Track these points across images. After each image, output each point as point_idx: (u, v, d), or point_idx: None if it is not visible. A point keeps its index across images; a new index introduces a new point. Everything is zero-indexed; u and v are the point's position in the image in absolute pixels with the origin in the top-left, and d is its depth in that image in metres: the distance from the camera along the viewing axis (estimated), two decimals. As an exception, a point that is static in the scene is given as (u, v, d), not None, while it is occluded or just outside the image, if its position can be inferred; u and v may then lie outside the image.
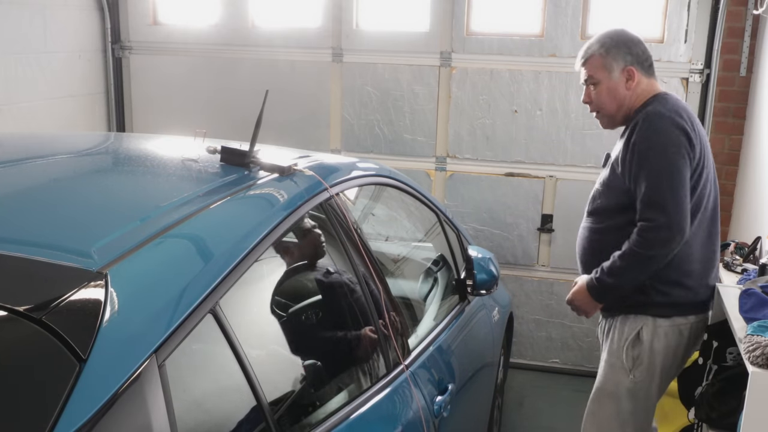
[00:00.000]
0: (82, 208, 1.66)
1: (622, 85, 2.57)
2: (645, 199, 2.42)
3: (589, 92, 2.64)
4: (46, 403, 1.07)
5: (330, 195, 2.04)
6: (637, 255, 2.44)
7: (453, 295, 2.89)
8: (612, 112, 2.62)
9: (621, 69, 2.57)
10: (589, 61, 2.61)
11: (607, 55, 2.57)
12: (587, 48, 2.63)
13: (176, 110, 5.09)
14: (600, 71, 2.59)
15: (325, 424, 1.67)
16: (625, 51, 2.57)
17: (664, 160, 2.40)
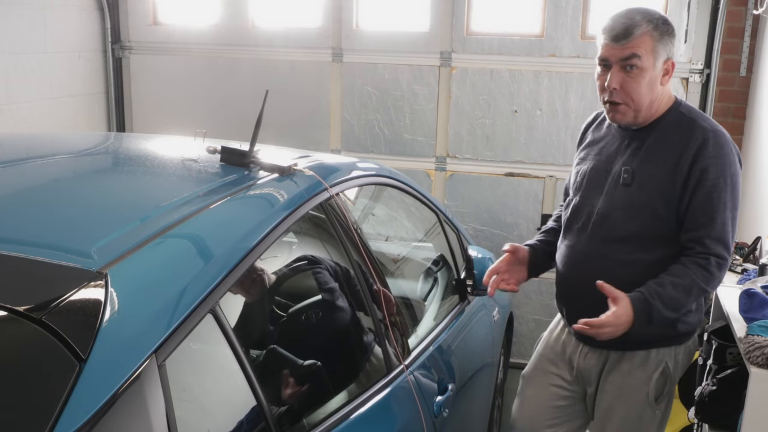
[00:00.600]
0: (82, 208, 1.66)
1: (659, 78, 2.16)
2: (716, 235, 2.12)
3: (623, 77, 2.13)
4: (46, 403, 1.07)
5: (330, 195, 2.04)
6: (702, 292, 2.16)
7: (453, 295, 2.89)
8: (642, 107, 2.16)
9: (664, 60, 2.15)
10: (638, 39, 2.10)
11: (660, 39, 2.12)
12: (634, 21, 2.12)
13: (176, 110, 5.09)
14: (647, 57, 2.11)
15: (325, 424, 1.67)
16: (673, 39, 2.16)
17: (735, 194, 2.15)
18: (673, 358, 2.32)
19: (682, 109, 2.20)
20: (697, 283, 2.11)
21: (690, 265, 2.12)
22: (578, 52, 4.49)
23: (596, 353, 2.33)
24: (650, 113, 2.19)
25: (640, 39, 2.11)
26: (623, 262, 2.19)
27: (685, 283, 2.11)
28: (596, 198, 2.26)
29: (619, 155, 2.24)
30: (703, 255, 2.11)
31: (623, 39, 2.12)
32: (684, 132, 2.15)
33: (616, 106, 2.17)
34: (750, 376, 2.32)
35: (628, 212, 2.19)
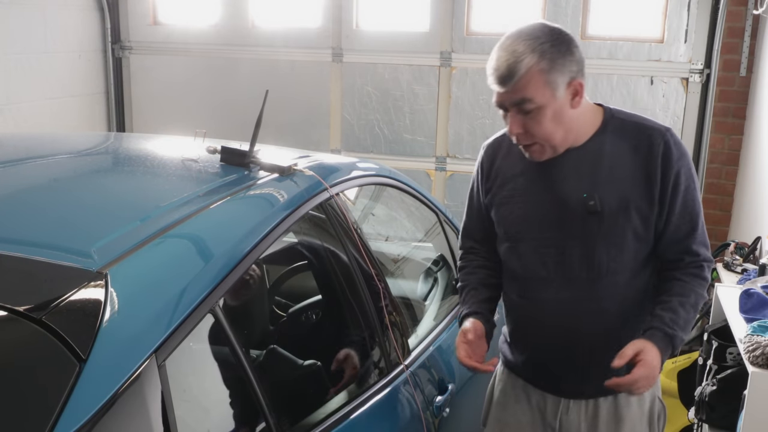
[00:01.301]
0: (82, 208, 1.66)
1: (567, 104, 1.81)
2: (701, 239, 1.96)
3: (522, 120, 1.81)
4: (46, 403, 1.07)
5: (330, 195, 2.04)
6: (701, 300, 1.99)
7: (453, 295, 2.88)
8: (556, 141, 1.84)
9: (567, 84, 1.79)
10: (524, 78, 1.76)
11: (552, 67, 1.76)
12: (514, 59, 1.76)
13: (176, 110, 5.09)
14: (542, 92, 1.77)
15: (325, 424, 1.67)
16: (570, 57, 1.79)
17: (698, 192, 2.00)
18: (658, 387, 2.10)
19: (617, 114, 1.93)
20: (701, 294, 1.96)
21: (689, 279, 1.94)
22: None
23: (580, 405, 2.02)
24: (577, 136, 1.88)
25: (526, 78, 1.75)
26: (618, 298, 1.94)
27: (692, 300, 1.93)
28: (555, 238, 1.93)
29: (568, 182, 1.90)
30: (695, 264, 1.95)
31: (509, 81, 1.77)
32: (636, 138, 1.89)
33: (528, 147, 1.88)
34: (750, 376, 2.32)
35: (608, 242, 1.90)
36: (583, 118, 1.88)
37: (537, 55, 1.75)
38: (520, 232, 1.98)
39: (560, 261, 1.93)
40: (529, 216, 1.96)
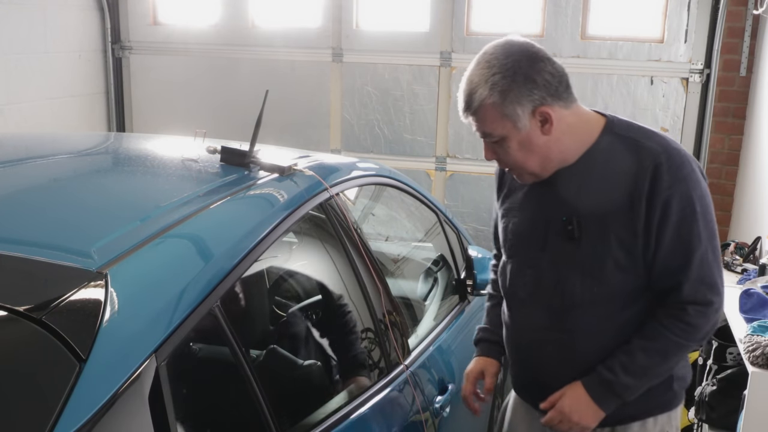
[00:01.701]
0: (82, 208, 1.66)
1: (537, 132, 1.70)
2: (696, 276, 1.70)
3: (492, 147, 1.78)
4: (46, 403, 1.07)
5: (330, 195, 2.04)
6: (684, 348, 1.76)
7: (453, 295, 2.88)
8: (536, 169, 1.76)
9: (530, 112, 1.68)
10: (480, 112, 1.71)
11: (504, 101, 1.67)
12: (470, 90, 1.74)
13: (176, 110, 5.10)
14: (500, 125, 1.70)
15: (326, 424, 1.67)
16: (529, 86, 1.66)
17: (708, 221, 1.74)
18: (671, 423, 1.90)
19: (617, 130, 1.76)
20: (673, 341, 1.73)
21: (664, 320, 1.73)
22: (578, 52, 4.49)
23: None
24: (564, 156, 1.76)
25: (481, 113, 1.71)
26: (591, 333, 1.79)
27: (659, 346, 1.73)
28: (537, 259, 1.82)
29: (553, 202, 1.79)
30: (678, 305, 1.72)
31: (467, 112, 1.75)
32: (628, 157, 1.72)
33: (511, 171, 1.84)
34: (750, 376, 2.33)
35: (584, 271, 1.76)
36: (571, 139, 1.74)
37: (488, 89, 1.68)
38: (512, 248, 1.91)
39: (537, 284, 1.83)
40: (520, 233, 1.88)
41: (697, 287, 1.71)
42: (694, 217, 1.71)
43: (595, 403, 1.76)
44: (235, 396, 1.54)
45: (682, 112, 4.46)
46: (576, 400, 1.77)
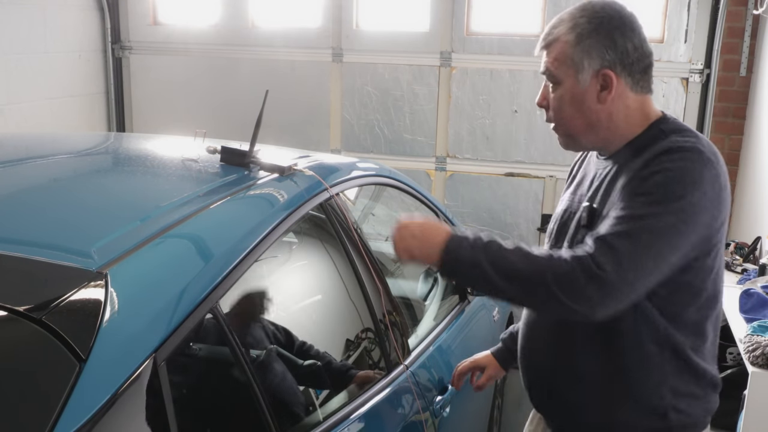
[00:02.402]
0: (82, 208, 1.66)
1: (593, 94, 1.62)
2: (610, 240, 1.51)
3: (547, 92, 1.68)
4: (46, 403, 1.07)
5: (330, 195, 2.04)
6: (544, 283, 1.52)
7: (453, 295, 2.88)
8: (575, 131, 1.67)
9: (595, 71, 1.61)
10: (552, 48, 1.64)
11: (578, 44, 1.60)
12: (555, 23, 1.66)
13: (176, 110, 5.10)
14: (564, 68, 1.62)
15: (326, 424, 1.67)
16: (607, 43, 1.60)
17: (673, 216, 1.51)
18: None
19: (663, 126, 1.65)
20: (548, 266, 1.52)
21: (563, 252, 1.56)
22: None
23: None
24: (609, 137, 1.67)
25: (552, 47, 1.64)
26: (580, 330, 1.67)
27: (536, 256, 1.55)
28: (560, 248, 1.73)
29: (587, 192, 1.73)
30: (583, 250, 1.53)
31: (542, 43, 1.68)
32: (651, 147, 1.60)
33: (553, 127, 1.72)
34: (750, 376, 2.33)
35: None
36: (624, 121, 1.64)
37: (569, 26, 1.62)
38: (549, 236, 1.84)
39: None
40: (557, 221, 1.81)
41: (605, 250, 1.50)
42: (657, 200, 1.52)
43: (441, 247, 1.60)
44: (235, 396, 1.54)
45: (682, 112, 4.46)
46: (429, 230, 1.64)
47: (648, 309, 1.61)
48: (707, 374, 1.70)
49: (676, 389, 1.66)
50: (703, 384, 1.70)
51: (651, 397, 1.66)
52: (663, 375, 1.65)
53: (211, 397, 1.55)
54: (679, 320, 1.63)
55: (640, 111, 1.65)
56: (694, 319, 1.64)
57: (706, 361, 1.70)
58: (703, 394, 1.71)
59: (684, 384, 1.67)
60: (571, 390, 1.73)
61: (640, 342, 1.63)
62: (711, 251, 1.60)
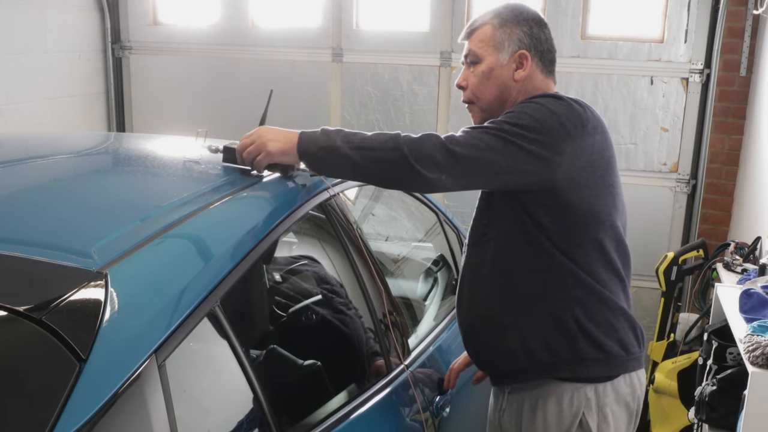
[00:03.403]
0: (82, 208, 1.66)
1: (509, 71, 1.89)
2: (470, 127, 1.84)
3: (467, 74, 1.96)
4: (46, 403, 1.07)
5: (330, 195, 2.04)
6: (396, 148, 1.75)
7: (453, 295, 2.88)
8: (490, 104, 1.93)
9: (513, 52, 1.88)
10: (476, 33, 1.91)
11: (501, 28, 1.88)
12: (481, 15, 1.94)
13: (176, 110, 5.09)
14: (487, 47, 1.89)
15: (326, 424, 1.68)
16: (524, 30, 1.89)
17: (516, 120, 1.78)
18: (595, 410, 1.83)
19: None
20: (401, 136, 1.78)
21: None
22: (578, 52, 4.49)
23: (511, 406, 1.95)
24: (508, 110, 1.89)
25: (477, 32, 1.92)
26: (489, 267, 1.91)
27: (386, 133, 1.82)
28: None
29: None
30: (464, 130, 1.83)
31: (467, 31, 1.96)
32: None
33: (469, 107, 2.03)
34: (750, 376, 2.32)
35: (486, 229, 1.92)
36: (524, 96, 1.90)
37: (494, 14, 1.92)
38: None
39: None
40: None
41: (462, 134, 1.80)
42: (511, 121, 1.78)
43: (297, 139, 1.88)
44: (235, 396, 1.54)
45: (682, 112, 4.46)
46: (281, 132, 1.93)
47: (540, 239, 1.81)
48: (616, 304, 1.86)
49: (586, 312, 1.82)
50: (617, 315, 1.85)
51: (559, 319, 1.83)
52: (568, 300, 1.81)
53: (211, 397, 1.55)
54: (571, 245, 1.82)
55: (542, 86, 1.93)
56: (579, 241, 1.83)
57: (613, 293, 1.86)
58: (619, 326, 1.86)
59: (594, 310, 1.83)
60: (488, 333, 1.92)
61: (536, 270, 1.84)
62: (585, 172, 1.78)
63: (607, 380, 1.85)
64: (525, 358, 1.86)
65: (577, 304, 1.82)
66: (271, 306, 2.01)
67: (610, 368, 1.85)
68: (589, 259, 1.82)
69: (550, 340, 1.83)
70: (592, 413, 1.83)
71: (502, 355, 1.91)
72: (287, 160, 1.86)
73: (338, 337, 2.12)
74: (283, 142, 1.87)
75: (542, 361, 1.85)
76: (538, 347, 1.84)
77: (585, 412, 1.83)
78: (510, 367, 1.92)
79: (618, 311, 1.86)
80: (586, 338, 1.82)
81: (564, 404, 1.83)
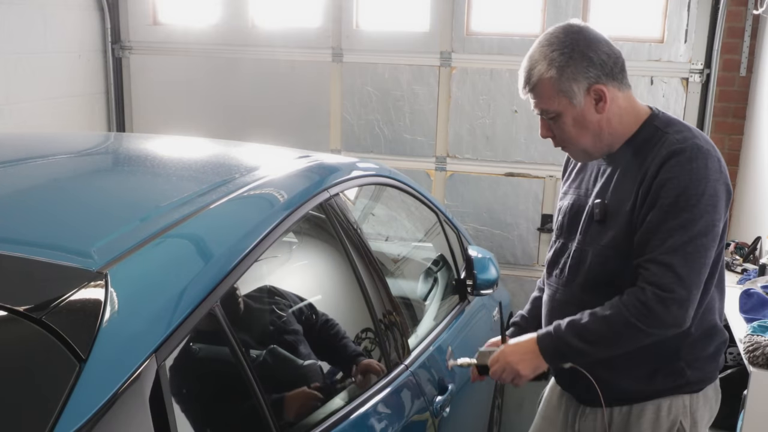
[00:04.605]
0: (82, 207, 1.66)
1: (591, 109, 1.80)
2: (664, 260, 1.72)
3: (548, 126, 1.87)
4: (46, 403, 1.07)
5: (330, 195, 2.04)
6: (633, 328, 1.75)
7: (453, 295, 2.89)
8: (588, 146, 1.86)
9: (586, 90, 1.78)
10: (537, 90, 1.81)
11: (561, 76, 1.77)
12: (530, 66, 1.82)
13: (176, 110, 5.09)
14: (556, 100, 1.80)
15: (326, 424, 1.67)
16: (585, 63, 1.77)
17: (701, 218, 1.72)
18: (689, 416, 1.91)
19: (657, 123, 1.85)
20: (624, 315, 1.75)
21: (624, 295, 1.77)
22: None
23: (595, 413, 1.97)
24: (611, 140, 1.86)
25: (539, 89, 1.81)
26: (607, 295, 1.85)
27: (609, 315, 1.77)
28: (573, 239, 1.94)
29: (595, 186, 1.93)
30: (641, 284, 1.75)
31: (526, 88, 1.85)
32: (653, 148, 1.80)
33: (564, 149, 1.94)
34: (750, 376, 2.33)
35: (601, 253, 1.86)
36: (620, 122, 1.84)
37: (546, 64, 1.78)
38: (558, 230, 2.03)
39: (565, 263, 1.96)
40: (565, 214, 2.00)
41: (663, 271, 1.72)
42: (686, 207, 1.72)
43: (542, 354, 1.87)
44: (235, 396, 1.54)
45: (682, 112, 4.46)
46: (521, 348, 1.90)
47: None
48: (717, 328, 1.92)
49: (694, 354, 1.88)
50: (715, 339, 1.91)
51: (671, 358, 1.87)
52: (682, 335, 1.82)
53: (212, 397, 1.55)
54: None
55: (630, 108, 1.86)
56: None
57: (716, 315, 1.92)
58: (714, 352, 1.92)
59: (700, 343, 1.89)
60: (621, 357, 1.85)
61: None
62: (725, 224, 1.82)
63: (702, 389, 1.92)
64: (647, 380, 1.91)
65: None
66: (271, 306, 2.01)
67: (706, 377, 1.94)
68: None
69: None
70: (687, 419, 1.90)
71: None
72: (540, 371, 1.92)
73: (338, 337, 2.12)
74: (529, 359, 1.89)
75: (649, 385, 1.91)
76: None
77: (682, 419, 1.90)
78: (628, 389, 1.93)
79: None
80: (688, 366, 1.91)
81: (662, 413, 1.90)
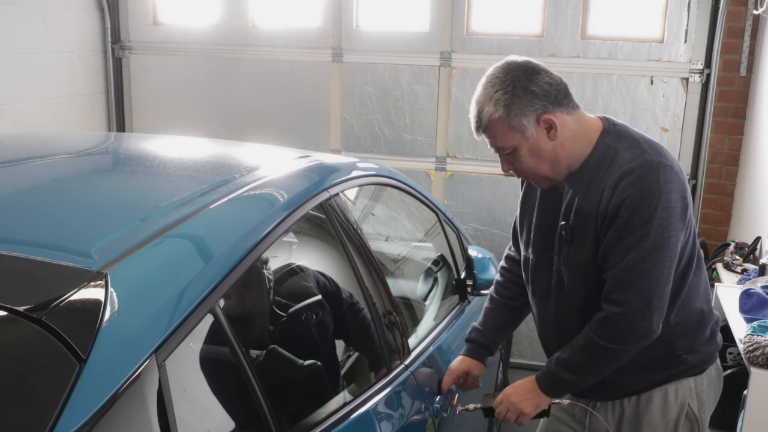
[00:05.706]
0: (82, 208, 1.66)
1: (544, 139, 1.85)
2: (622, 277, 1.81)
3: (507, 160, 1.93)
4: (46, 403, 1.07)
5: (330, 195, 2.04)
6: (601, 348, 1.87)
7: (453, 295, 2.89)
8: (548, 173, 1.90)
9: (535, 121, 1.83)
10: (489, 130, 1.87)
11: (509, 114, 1.82)
12: (478, 110, 1.86)
13: (176, 110, 5.09)
14: (509, 137, 1.85)
15: (326, 424, 1.68)
16: (530, 97, 1.82)
17: (659, 234, 1.78)
18: (696, 397, 2.01)
19: (608, 140, 1.89)
20: (594, 341, 1.86)
21: (592, 320, 1.88)
22: (578, 52, 4.49)
23: (606, 407, 2.05)
24: (569, 162, 1.90)
25: (491, 129, 1.86)
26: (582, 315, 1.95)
27: (583, 344, 1.89)
28: (550, 259, 2.00)
29: (560, 207, 1.97)
30: (603, 303, 1.86)
31: (479, 131, 1.90)
32: (608, 168, 1.85)
33: (527, 179, 2.04)
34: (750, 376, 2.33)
35: (579, 273, 1.92)
36: (573, 144, 1.88)
37: (492, 105, 1.83)
38: (527, 245, 2.08)
39: (549, 282, 2.01)
40: (534, 232, 2.04)
41: (622, 288, 1.81)
42: (640, 224, 1.77)
43: (543, 392, 1.97)
44: (236, 396, 1.54)
45: (682, 112, 4.46)
46: (522, 389, 2.00)
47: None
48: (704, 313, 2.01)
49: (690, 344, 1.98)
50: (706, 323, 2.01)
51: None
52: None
53: (211, 397, 1.55)
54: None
55: (581, 129, 1.89)
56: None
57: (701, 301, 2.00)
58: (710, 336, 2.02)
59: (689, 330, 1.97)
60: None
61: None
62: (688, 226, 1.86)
63: (704, 370, 2.02)
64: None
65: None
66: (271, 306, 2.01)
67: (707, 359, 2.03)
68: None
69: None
70: (695, 401, 2.00)
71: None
72: (541, 408, 2.01)
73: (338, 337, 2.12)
74: (531, 398, 1.99)
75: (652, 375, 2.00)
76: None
77: (689, 402, 2.00)
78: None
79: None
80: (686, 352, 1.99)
81: (670, 397, 1.99)
